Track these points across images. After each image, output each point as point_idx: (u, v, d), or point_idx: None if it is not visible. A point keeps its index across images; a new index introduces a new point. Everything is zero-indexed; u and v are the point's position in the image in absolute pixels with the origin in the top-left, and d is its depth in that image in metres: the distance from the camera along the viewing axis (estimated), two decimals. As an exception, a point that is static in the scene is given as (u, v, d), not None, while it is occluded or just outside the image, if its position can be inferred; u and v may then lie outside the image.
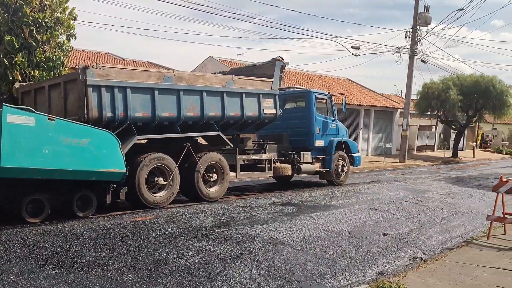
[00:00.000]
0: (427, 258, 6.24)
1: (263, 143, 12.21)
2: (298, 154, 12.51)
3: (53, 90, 9.15)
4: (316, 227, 7.58)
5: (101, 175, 7.91)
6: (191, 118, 9.84)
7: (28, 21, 11.13)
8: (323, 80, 31.24)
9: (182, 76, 9.84)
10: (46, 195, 7.62)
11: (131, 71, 9.16)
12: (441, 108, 28.20)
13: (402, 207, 9.93)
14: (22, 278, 4.68)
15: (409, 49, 25.42)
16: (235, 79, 10.74)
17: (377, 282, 5.02)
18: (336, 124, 13.99)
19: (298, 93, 14.26)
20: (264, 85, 11.35)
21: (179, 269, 5.12)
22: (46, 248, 5.78)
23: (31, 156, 6.93)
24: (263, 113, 11.24)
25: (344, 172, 13.97)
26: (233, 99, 10.58)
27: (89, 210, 8.11)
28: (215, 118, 10.30)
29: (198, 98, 9.89)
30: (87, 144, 7.60)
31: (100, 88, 8.38)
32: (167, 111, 9.38)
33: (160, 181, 9.28)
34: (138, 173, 8.82)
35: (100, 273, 4.93)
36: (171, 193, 9.43)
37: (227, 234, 6.79)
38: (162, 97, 9.25)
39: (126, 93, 8.72)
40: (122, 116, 8.71)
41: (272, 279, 4.99)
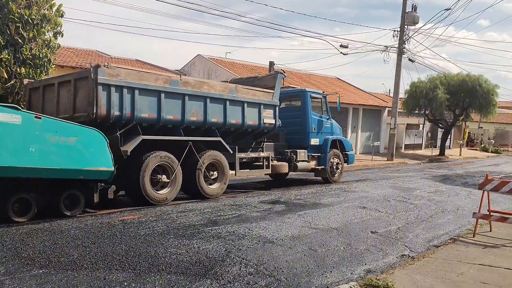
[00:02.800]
0: (415, 255, 6.30)
1: (260, 141, 12.42)
2: (294, 152, 12.84)
3: (62, 87, 9.28)
4: (304, 225, 7.61)
5: (89, 173, 7.84)
6: (194, 122, 10.13)
7: (14, 18, 11.00)
8: (312, 78, 31.32)
9: (188, 81, 10.21)
10: (33, 194, 7.51)
11: (140, 73, 9.44)
12: (429, 106, 28.50)
13: (390, 205, 10.02)
14: (8, 278, 4.63)
15: (397, 48, 25.61)
16: (238, 88, 11.11)
17: (365, 280, 5.05)
18: (330, 123, 14.34)
19: (293, 92, 14.43)
20: (265, 96, 11.79)
21: (167, 268, 5.10)
22: (33, 247, 5.72)
23: (17, 155, 6.84)
24: (262, 123, 11.62)
25: (339, 169, 14.34)
26: (235, 108, 10.95)
27: (76, 209, 8.03)
28: (217, 124, 10.62)
29: (202, 104, 10.21)
30: (75, 143, 7.52)
31: (110, 87, 8.61)
32: (172, 114, 9.66)
33: (163, 178, 9.46)
34: (142, 171, 9.00)
35: (88, 272, 4.89)
36: (174, 190, 9.63)
37: (216, 233, 6.78)
38: (168, 100, 9.53)
39: (134, 94, 8.98)
40: (129, 116, 8.94)
41: (261, 277, 5.00)
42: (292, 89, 14.80)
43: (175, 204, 9.48)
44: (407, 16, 25.14)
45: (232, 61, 30.41)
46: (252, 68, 29.96)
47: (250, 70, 29.29)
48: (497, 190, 7.53)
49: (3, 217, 7.21)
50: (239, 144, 11.55)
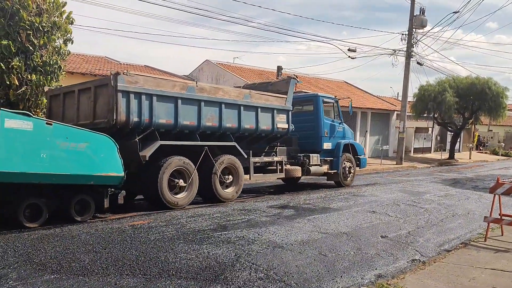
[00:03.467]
0: (425, 260, 6.26)
1: (273, 146, 12.56)
2: (307, 157, 12.99)
3: (82, 94, 9.52)
4: (314, 229, 7.59)
5: (99, 179, 7.90)
6: (209, 128, 10.34)
7: (25, 26, 11.12)
8: (319, 82, 31.32)
9: (203, 87, 10.37)
10: (44, 200, 7.58)
11: (157, 80, 9.66)
12: (438, 110, 28.34)
13: (400, 209, 9.96)
14: (20, 283, 4.67)
15: (405, 52, 25.55)
16: (252, 93, 11.30)
17: (376, 285, 5.03)
18: (343, 127, 14.49)
19: (305, 97, 14.48)
20: (279, 101, 11.96)
21: (178, 273, 5.12)
22: (44, 252, 5.77)
23: (28, 161, 6.92)
24: (276, 128, 11.79)
25: (351, 173, 14.47)
26: (249, 113, 11.14)
27: (87, 215, 8.09)
28: (232, 129, 10.82)
29: (217, 110, 10.43)
30: (85, 148, 7.60)
31: (129, 94, 8.85)
32: (188, 120, 9.87)
33: (180, 183, 9.66)
34: (161, 175, 9.21)
35: (99, 277, 4.92)
36: (190, 194, 9.86)
37: (225, 238, 6.79)
38: (184, 106, 9.75)
39: (152, 100, 9.20)
40: (147, 121, 9.16)
41: (271, 282, 5.00)
42: (305, 94, 14.88)
43: (184, 209, 9.51)
44: (415, 19, 25.08)
45: (240, 66, 30.50)
46: (260, 73, 30.02)
47: (258, 74, 29.36)
48: (509, 194, 7.46)
49: (15, 222, 7.28)
50: (253, 149, 11.65)
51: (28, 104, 11.44)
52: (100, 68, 23.14)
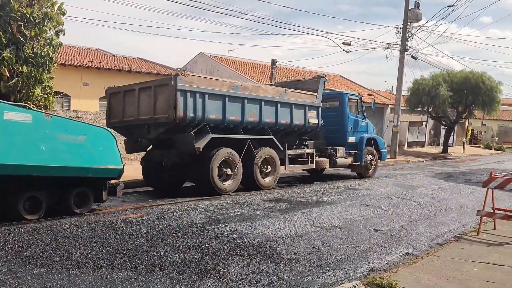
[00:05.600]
0: (418, 253, 6.25)
1: (303, 139, 13.56)
2: (334, 149, 14.08)
3: (142, 92, 10.52)
4: (307, 223, 7.57)
5: (98, 171, 7.94)
6: (251, 123, 11.37)
7: (16, 16, 10.95)
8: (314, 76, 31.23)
9: (247, 86, 11.48)
10: (43, 192, 7.58)
11: (209, 80, 10.91)
12: (432, 104, 28.36)
13: (393, 203, 9.97)
14: (10, 277, 4.61)
15: (400, 46, 25.51)
16: (287, 91, 12.37)
17: (369, 278, 5.01)
18: (366, 122, 15.52)
19: (332, 94, 15.29)
20: (310, 98, 12.98)
21: (170, 267, 5.08)
22: (34, 246, 5.70)
23: (28, 153, 6.93)
24: (307, 123, 12.82)
25: (373, 166, 15.50)
26: (285, 109, 12.16)
27: (86, 207, 8.12)
28: (269, 124, 11.82)
29: (258, 106, 11.44)
30: (84, 141, 7.63)
31: (186, 93, 9.81)
32: (234, 116, 10.89)
33: (228, 171, 10.79)
34: (212, 165, 10.30)
35: (89, 271, 4.87)
36: (236, 182, 11.01)
37: (218, 231, 6.76)
38: (231, 103, 10.78)
39: (204, 98, 10.18)
40: (201, 117, 10.15)
41: (264, 275, 4.97)
42: (331, 91, 15.70)
43: (177, 202, 9.47)
44: (410, 13, 25.03)
45: (234, 59, 30.37)
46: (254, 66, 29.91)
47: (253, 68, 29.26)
48: (502, 188, 7.46)
49: (14, 214, 7.26)
50: (286, 142, 12.50)
51: (19, 96, 11.28)
52: (93, 60, 22.93)
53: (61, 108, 18.71)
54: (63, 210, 7.85)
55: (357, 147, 14.87)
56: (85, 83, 21.25)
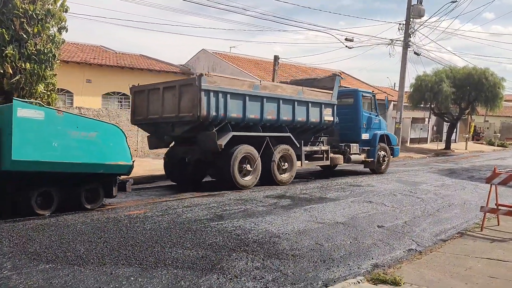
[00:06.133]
0: (422, 249, 6.25)
1: (318, 136, 13.82)
2: (348, 146, 14.36)
3: (167, 91, 10.94)
4: (310, 219, 7.58)
5: (108, 167, 8.02)
6: (269, 120, 11.70)
7: (18, 13, 10.95)
8: (316, 72, 31.18)
9: (266, 85, 11.87)
10: (55, 188, 7.70)
11: (230, 80, 11.17)
12: (434, 100, 28.29)
13: (396, 199, 9.97)
14: (15, 273, 4.63)
15: (403, 42, 25.45)
16: (304, 90, 12.64)
17: (372, 274, 5.02)
18: (379, 119, 15.83)
19: (346, 92, 15.66)
20: (325, 96, 13.27)
21: (174, 263, 5.09)
22: (39, 242, 5.73)
23: (41, 149, 7.02)
24: (323, 120, 13.11)
25: (385, 162, 15.81)
26: (301, 107, 12.47)
27: (96, 202, 8.23)
28: (287, 122, 12.16)
29: (276, 105, 11.78)
30: (95, 138, 7.71)
31: (209, 92, 10.20)
32: (253, 114, 11.25)
33: (248, 167, 11.20)
34: (233, 161, 10.73)
35: (94, 267, 4.89)
36: (255, 177, 11.40)
37: (222, 227, 6.77)
38: (250, 102, 11.13)
39: (226, 97, 10.56)
40: (223, 115, 10.53)
41: (268, 271, 4.98)
42: (345, 89, 16.14)
43: (180, 199, 9.49)
44: (413, 9, 24.95)
45: (236, 55, 30.34)
46: (256, 62, 29.87)
47: (255, 64, 29.22)
48: (505, 184, 7.46)
49: (27, 210, 7.36)
50: (301, 139, 12.76)
51: (22, 93, 11.29)
52: (96, 57, 22.95)
53: (63, 105, 18.74)
54: (74, 205, 7.97)
55: (370, 144, 15.14)
56: (87, 80, 21.29)
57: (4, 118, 7.01)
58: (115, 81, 22.40)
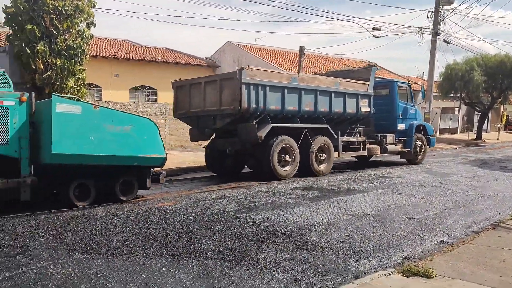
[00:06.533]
0: (454, 241, 6.15)
1: (354, 127, 13.97)
2: (384, 136, 14.46)
3: (208, 85, 11.31)
4: (339, 211, 7.54)
5: (142, 160, 8.22)
6: (307, 112, 11.87)
7: (48, 10, 11.21)
8: (343, 63, 30.85)
9: (303, 78, 12.06)
10: (92, 180, 7.95)
11: (269, 73, 11.44)
12: (465, 89, 27.63)
13: (426, 190, 9.81)
14: (52, 263, 4.78)
15: (432, 30, 24.89)
16: (341, 81, 12.77)
17: (403, 266, 4.96)
18: (415, 109, 15.88)
19: (382, 82, 15.70)
20: (362, 87, 13.37)
21: (204, 254, 5.15)
22: (74, 233, 5.89)
23: (78, 143, 7.28)
24: (359, 111, 13.23)
25: (422, 152, 15.78)
26: (338, 98, 12.60)
27: (131, 194, 8.46)
28: (324, 113, 12.31)
29: (313, 96, 11.93)
30: (130, 131, 7.92)
31: (250, 86, 10.48)
32: (292, 106, 11.46)
33: (286, 158, 11.45)
34: (272, 152, 11.02)
35: (127, 257, 5.00)
36: (294, 168, 11.63)
37: (250, 219, 6.81)
38: (289, 94, 11.34)
39: (265, 90, 10.80)
40: (262, 108, 10.80)
41: (297, 263, 4.99)
42: (381, 79, 16.13)
43: (208, 191, 9.58)
44: (442, -5, 24.34)
45: (261, 47, 30.26)
46: (281, 53, 29.73)
47: (280, 55, 29.09)
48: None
49: (66, 201, 7.66)
50: (338, 130, 12.90)
51: (53, 88, 11.59)
52: (123, 52, 23.25)
53: (93, 100, 19.09)
54: (110, 197, 8.20)
55: (406, 134, 15.17)
56: (115, 74, 21.62)
57: (43, 113, 7.33)
58: (141, 75, 22.69)
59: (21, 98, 7.27)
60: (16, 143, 7.22)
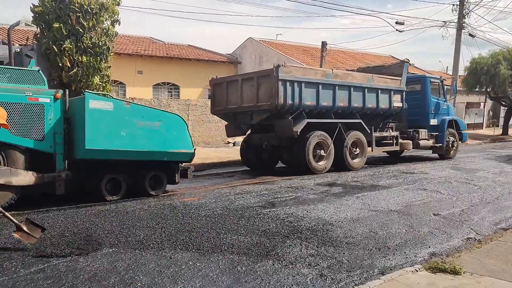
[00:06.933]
0: (481, 238, 6.05)
1: (386, 122, 14.15)
2: (416, 132, 14.62)
3: (245, 82, 11.68)
4: (363, 207, 7.50)
5: (172, 155, 8.40)
6: (341, 107, 12.16)
7: (74, 8, 11.38)
8: (365, 58, 30.55)
9: (337, 74, 12.27)
10: (123, 175, 8.17)
11: (304, 69, 11.86)
12: (491, 84, 27.08)
13: (452, 186, 9.66)
14: (81, 256, 4.89)
15: (456, 23, 24.42)
16: (374, 77, 12.98)
17: (430, 263, 4.91)
18: (447, 105, 16.00)
19: (414, 78, 15.93)
20: (394, 83, 13.56)
21: (230, 248, 5.20)
22: (101, 227, 6.01)
23: (110, 138, 7.49)
24: (392, 106, 13.42)
25: (454, 147, 15.94)
26: (371, 94, 12.83)
27: (160, 189, 8.64)
28: (357, 108, 12.56)
29: (347, 92, 12.20)
30: (159, 127, 8.11)
31: (286, 82, 10.82)
32: (326, 101, 11.73)
33: (321, 153, 11.77)
34: (308, 147, 11.32)
35: (154, 251, 5.08)
36: (329, 162, 11.94)
37: (274, 214, 6.82)
38: (323, 90, 11.62)
39: (301, 86, 11.11)
40: (298, 104, 11.11)
41: (322, 258, 4.99)
42: (413, 75, 16.46)
43: (232, 186, 9.64)
44: (468, -12, 23.85)
45: (283, 42, 30.18)
46: (304, 49, 29.59)
47: (302, 51, 28.96)
48: None
49: (97, 195, 7.90)
50: (370, 125, 13.09)
51: (79, 85, 11.79)
52: (146, 49, 23.50)
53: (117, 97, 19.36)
54: (139, 192, 8.40)
55: (439, 129, 15.28)
56: (139, 71, 21.88)
57: (77, 110, 7.56)
58: (164, 71, 22.90)
59: (55, 95, 7.54)
60: (51, 138, 7.48)
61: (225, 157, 15.36)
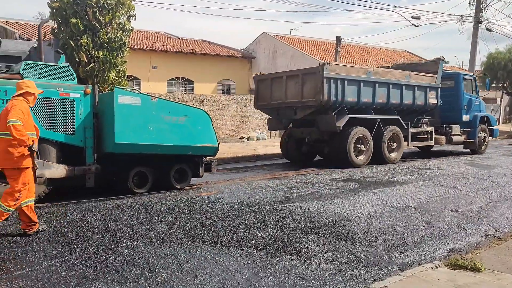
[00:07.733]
0: (501, 235, 5.98)
1: (420, 118, 14.50)
2: (449, 127, 14.96)
3: (289, 79, 12.19)
4: (380, 203, 7.46)
5: (197, 149, 8.56)
6: (380, 104, 12.55)
7: (91, 3, 11.46)
8: (380, 53, 30.32)
9: (377, 71, 12.70)
10: (149, 168, 8.32)
11: (347, 67, 12.21)
12: (508, 79, 26.74)
13: (469, 183, 9.57)
14: (101, 249, 4.95)
15: (473, 17, 24.06)
16: (411, 74, 13.33)
17: (450, 259, 4.87)
18: (479, 101, 16.29)
19: (448, 75, 16.03)
20: (430, 80, 13.90)
21: (248, 243, 5.22)
22: (121, 221, 6.08)
23: (138, 133, 7.65)
24: (428, 103, 13.75)
25: (485, 142, 16.23)
26: (408, 91, 13.20)
27: (185, 182, 8.78)
28: (395, 105, 12.95)
29: (386, 89, 12.58)
30: (185, 122, 8.25)
31: (330, 80, 11.26)
32: (366, 98, 12.14)
33: (361, 147, 12.18)
34: (349, 141, 11.76)
35: (173, 245, 5.12)
36: (368, 156, 12.33)
37: (291, 209, 6.83)
38: (364, 88, 12.02)
39: (344, 84, 11.54)
40: (340, 100, 11.54)
41: (340, 254, 4.98)
42: (447, 72, 16.51)
43: (248, 181, 9.66)
44: (485, -18, 23.48)
45: (297, 37, 30.05)
46: (317, 44, 29.45)
47: (316, 46, 28.82)
48: None
49: (125, 189, 8.05)
50: (406, 120, 13.41)
51: (96, 80, 11.89)
52: (160, 44, 23.59)
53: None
54: (164, 185, 8.52)
55: (471, 125, 15.59)
56: (153, 66, 21.98)
57: (106, 105, 7.70)
58: (179, 66, 22.98)
59: (85, 91, 7.69)
60: (82, 133, 7.63)
61: (238, 152, 15.40)
